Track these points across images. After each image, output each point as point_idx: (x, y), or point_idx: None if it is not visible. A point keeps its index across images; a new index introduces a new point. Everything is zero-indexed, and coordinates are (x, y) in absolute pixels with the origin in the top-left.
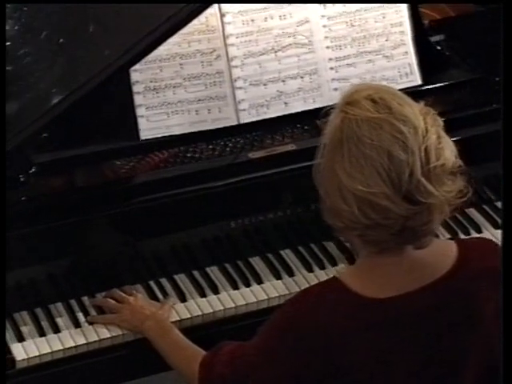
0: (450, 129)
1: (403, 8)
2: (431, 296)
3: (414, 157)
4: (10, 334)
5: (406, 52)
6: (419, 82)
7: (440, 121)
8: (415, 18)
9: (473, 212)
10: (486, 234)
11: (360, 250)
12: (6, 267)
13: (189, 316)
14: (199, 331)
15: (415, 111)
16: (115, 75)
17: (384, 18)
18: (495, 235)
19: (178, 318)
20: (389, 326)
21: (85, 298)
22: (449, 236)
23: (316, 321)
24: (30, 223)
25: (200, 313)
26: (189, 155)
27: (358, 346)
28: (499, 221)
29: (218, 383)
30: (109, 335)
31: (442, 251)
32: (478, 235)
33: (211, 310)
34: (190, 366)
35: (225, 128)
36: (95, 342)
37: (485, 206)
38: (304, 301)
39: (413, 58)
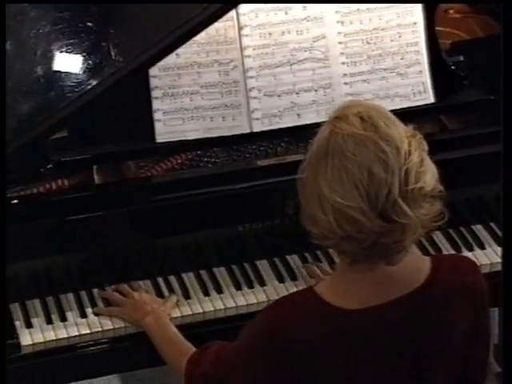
0: (458, 146)
1: (420, 28)
2: (401, 309)
3: (394, 177)
4: (19, 320)
5: (421, 71)
6: (432, 100)
7: (425, 145)
8: (431, 38)
9: (479, 229)
10: (488, 251)
11: (337, 262)
12: (24, 257)
13: (190, 313)
14: (200, 328)
15: (401, 133)
16: (133, 76)
17: (400, 37)
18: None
19: (180, 315)
20: (358, 337)
21: (95, 290)
22: (453, 250)
23: (290, 328)
24: (47, 215)
25: (201, 310)
26: (202, 159)
27: (329, 354)
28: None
29: (201, 381)
30: (111, 327)
31: (415, 267)
32: (480, 251)
33: (212, 309)
34: (180, 362)
35: (237, 135)
36: (98, 332)
37: (492, 224)
38: (280, 308)
39: (427, 77)
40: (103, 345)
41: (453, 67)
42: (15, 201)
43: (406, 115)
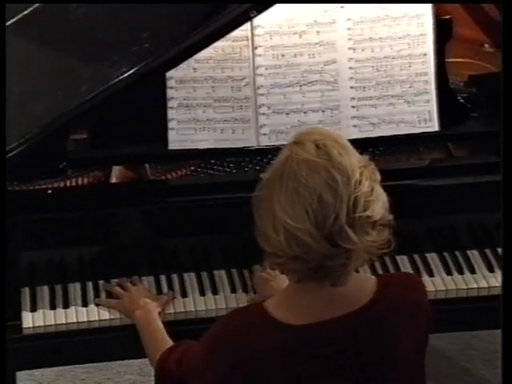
0: (459, 174)
1: (430, 59)
2: (346, 326)
3: (342, 204)
4: (26, 304)
5: (428, 100)
6: (436, 128)
7: (377, 175)
8: (441, 69)
9: (474, 254)
10: (479, 276)
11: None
12: (38, 246)
13: (183, 310)
14: (191, 325)
15: (353, 163)
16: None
17: (410, 66)
18: (486, 277)
19: (173, 311)
20: (303, 351)
21: (100, 282)
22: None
23: (238, 340)
24: (63, 209)
25: (193, 309)
26: (210, 167)
27: (273, 367)
28: (494, 265)
29: (167, 378)
30: (108, 317)
31: (361, 285)
32: (471, 275)
33: (204, 308)
34: (155, 357)
35: (244, 148)
36: (95, 321)
37: (486, 250)
38: (231, 321)
39: (433, 106)
40: (99, 333)
41: (460, 98)
42: (48, 191)
43: (413, 139)
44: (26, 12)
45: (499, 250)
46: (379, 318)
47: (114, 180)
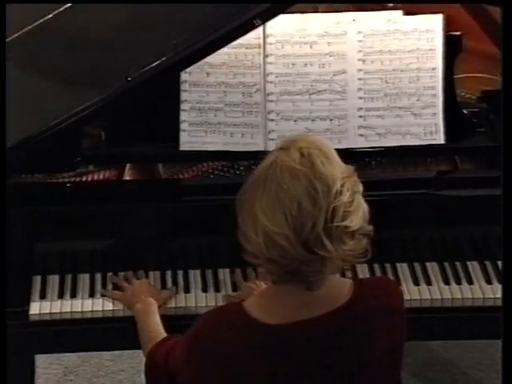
0: (463, 186)
1: (438, 73)
2: (321, 326)
3: (321, 212)
4: (35, 291)
5: (435, 113)
6: (442, 141)
7: (360, 186)
8: (449, 84)
9: (474, 265)
10: (476, 287)
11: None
12: (52, 237)
13: (183, 305)
14: (191, 320)
15: (335, 173)
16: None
17: (418, 80)
18: (483, 289)
19: (174, 305)
20: (278, 350)
21: (109, 274)
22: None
23: (216, 338)
24: (76, 204)
25: (194, 304)
26: (220, 169)
27: (250, 364)
28: (492, 277)
29: (153, 371)
30: (111, 308)
31: (338, 288)
32: (468, 286)
33: (204, 304)
34: (147, 350)
35: (252, 152)
36: (99, 311)
37: (486, 262)
38: (211, 318)
39: (440, 119)
40: (101, 323)
41: (468, 112)
42: (67, 184)
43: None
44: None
45: (499, 263)
46: (354, 319)
47: (127, 177)
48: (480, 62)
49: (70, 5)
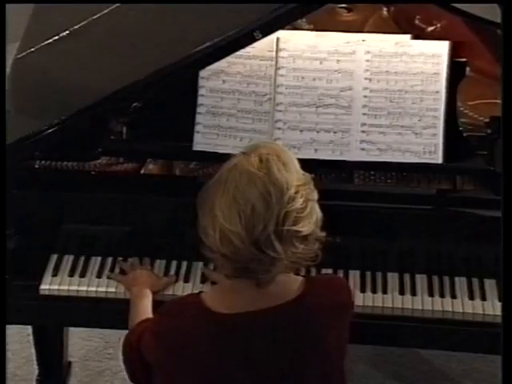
0: (460, 205)
1: (441, 97)
2: (266, 318)
3: (272, 216)
4: (49, 268)
5: (435, 134)
6: (440, 161)
7: (315, 194)
8: (451, 107)
9: (462, 280)
10: (458, 301)
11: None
12: (74, 220)
13: (181, 293)
14: None
15: (290, 180)
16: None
17: (421, 101)
18: (466, 304)
19: (171, 293)
20: (226, 337)
21: (119, 259)
22: None
23: (174, 326)
24: (96, 190)
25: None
26: None
27: (202, 351)
28: (476, 294)
29: (127, 349)
30: (114, 290)
31: (287, 285)
32: (451, 300)
33: None
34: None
35: None
36: (102, 291)
37: (473, 279)
38: (172, 308)
39: (440, 140)
40: (103, 302)
41: (469, 135)
42: (92, 172)
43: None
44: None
45: (486, 281)
46: (302, 314)
47: (146, 171)
48: (494, 88)
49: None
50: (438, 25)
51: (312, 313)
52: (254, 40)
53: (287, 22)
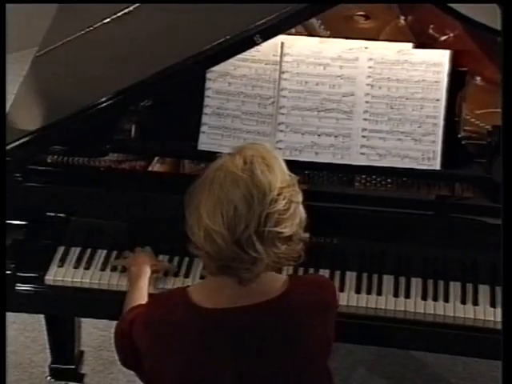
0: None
1: (441, 105)
2: (248, 314)
3: (254, 217)
4: (56, 260)
5: (434, 141)
6: (438, 167)
7: (299, 196)
8: (451, 115)
9: (456, 285)
10: (450, 305)
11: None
12: (82, 214)
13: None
14: None
15: (273, 182)
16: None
17: (422, 108)
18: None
19: (171, 287)
20: (211, 331)
21: (125, 252)
22: None
23: (161, 317)
24: (103, 186)
25: None
26: None
27: (188, 342)
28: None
29: (119, 336)
30: (115, 283)
31: (271, 283)
32: (443, 303)
33: None
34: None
35: None
36: (105, 283)
37: (468, 284)
38: (160, 299)
39: (438, 147)
40: (106, 294)
41: (469, 142)
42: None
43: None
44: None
45: (479, 286)
46: (285, 312)
47: (154, 169)
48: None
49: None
50: (451, 34)
51: (294, 311)
52: (255, 44)
53: (288, 27)
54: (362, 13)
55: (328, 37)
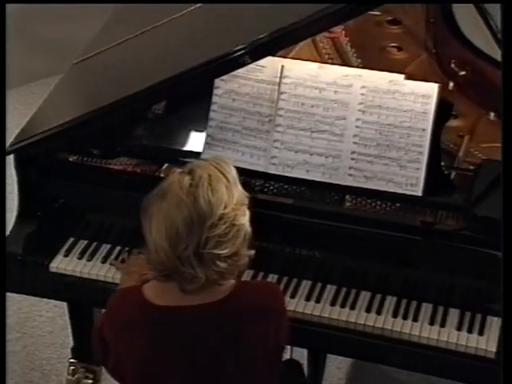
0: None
1: (427, 134)
2: (190, 314)
3: (193, 239)
4: (62, 250)
5: (418, 168)
6: (419, 193)
7: (244, 218)
8: (436, 144)
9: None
10: (417, 324)
11: None
12: (92, 211)
13: None
14: None
15: (215, 208)
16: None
17: (408, 137)
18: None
19: None
20: (158, 326)
21: (126, 249)
22: None
23: (118, 311)
24: (112, 186)
25: None
26: None
27: (140, 337)
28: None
29: (95, 334)
30: (111, 275)
31: (218, 286)
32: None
33: None
34: None
35: (254, 171)
36: (102, 275)
37: (453, 309)
38: (118, 294)
39: (422, 175)
40: (101, 283)
41: (446, 173)
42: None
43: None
44: None
45: (450, 310)
46: (226, 314)
47: (162, 174)
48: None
49: None
50: (469, 69)
51: (234, 314)
52: (244, 65)
53: (278, 48)
54: (395, 44)
55: (358, 66)
